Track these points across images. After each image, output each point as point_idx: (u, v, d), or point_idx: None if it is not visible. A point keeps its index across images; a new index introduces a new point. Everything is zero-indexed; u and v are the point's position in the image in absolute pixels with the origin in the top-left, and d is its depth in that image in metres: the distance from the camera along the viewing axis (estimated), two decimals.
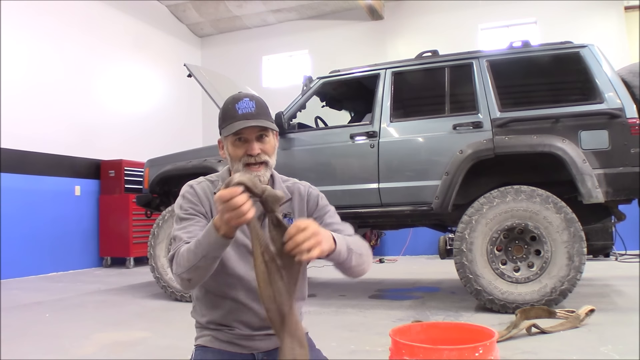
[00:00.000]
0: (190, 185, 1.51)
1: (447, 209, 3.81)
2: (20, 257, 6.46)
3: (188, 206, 1.45)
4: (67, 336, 3.31)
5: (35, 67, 6.88)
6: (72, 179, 7.35)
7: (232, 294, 1.43)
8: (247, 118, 1.39)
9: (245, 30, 10.33)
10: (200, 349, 1.49)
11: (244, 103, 1.42)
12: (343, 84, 4.65)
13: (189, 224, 1.42)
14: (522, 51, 3.93)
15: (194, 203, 1.46)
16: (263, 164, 1.42)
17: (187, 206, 1.45)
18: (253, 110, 1.41)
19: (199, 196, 1.47)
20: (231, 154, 1.43)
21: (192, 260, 1.27)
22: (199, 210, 1.45)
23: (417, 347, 1.20)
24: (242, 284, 1.44)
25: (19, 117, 6.54)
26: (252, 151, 1.40)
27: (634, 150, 3.46)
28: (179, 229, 1.41)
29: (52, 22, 7.16)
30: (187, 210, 1.45)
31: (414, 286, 5.13)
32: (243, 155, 1.41)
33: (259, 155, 1.41)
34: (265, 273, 1.17)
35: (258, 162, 1.41)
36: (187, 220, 1.43)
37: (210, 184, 1.51)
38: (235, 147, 1.42)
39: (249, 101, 1.42)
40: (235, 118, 1.40)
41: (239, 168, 1.42)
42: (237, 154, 1.42)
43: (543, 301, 3.47)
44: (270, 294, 1.17)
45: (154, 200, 5.05)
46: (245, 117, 1.40)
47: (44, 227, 6.82)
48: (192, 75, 4.60)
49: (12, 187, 6.42)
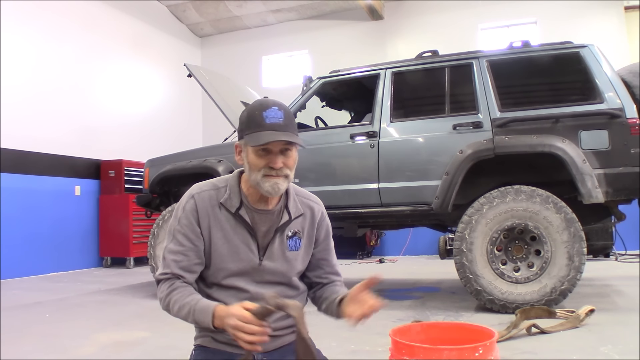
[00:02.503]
0: (192, 195, 1.45)
1: (447, 209, 3.81)
2: (20, 257, 6.46)
3: (184, 223, 1.42)
4: (67, 336, 3.31)
5: (35, 67, 6.88)
6: (72, 179, 7.34)
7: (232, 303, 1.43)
8: (274, 129, 1.32)
9: (245, 30, 10.33)
10: (199, 348, 1.49)
11: (272, 112, 1.34)
12: (343, 84, 4.65)
13: (180, 251, 1.41)
14: (522, 51, 3.92)
15: (191, 222, 1.41)
16: (283, 176, 1.37)
17: (184, 223, 1.42)
18: (281, 121, 1.34)
19: (199, 212, 1.42)
20: (251, 163, 1.37)
21: (180, 316, 1.38)
22: (195, 232, 1.41)
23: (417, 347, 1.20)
24: (244, 295, 1.43)
25: (19, 117, 6.54)
26: (275, 165, 1.34)
27: (634, 150, 3.46)
28: (170, 253, 1.42)
29: (52, 22, 7.17)
30: (181, 229, 1.42)
31: (414, 286, 5.12)
32: (264, 166, 1.35)
33: (281, 169, 1.36)
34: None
35: (279, 175, 1.37)
36: (179, 244, 1.41)
37: (215, 193, 1.45)
38: (257, 157, 1.35)
39: (277, 110, 1.35)
40: (263, 127, 1.33)
41: (258, 178, 1.36)
42: (257, 164, 1.36)
43: (543, 301, 3.47)
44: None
45: (154, 200, 5.05)
46: (272, 127, 1.32)
47: (44, 227, 6.82)
48: (192, 75, 4.60)
49: (12, 187, 6.42)
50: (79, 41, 7.60)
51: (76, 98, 7.48)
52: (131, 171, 7.67)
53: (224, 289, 1.43)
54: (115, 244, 7.57)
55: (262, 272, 1.45)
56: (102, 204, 7.71)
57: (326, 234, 1.57)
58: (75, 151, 7.41)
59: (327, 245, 1.58)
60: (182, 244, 1.41)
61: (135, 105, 8.75)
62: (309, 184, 4.12)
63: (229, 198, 1.43)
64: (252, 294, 1.42)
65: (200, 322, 1.32)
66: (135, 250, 7.48)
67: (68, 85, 7.36)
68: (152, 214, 5.41)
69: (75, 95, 7.47)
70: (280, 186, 1.36)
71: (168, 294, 1.39)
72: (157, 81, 9.33)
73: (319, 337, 1.69)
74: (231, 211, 1.42)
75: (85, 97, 7.66)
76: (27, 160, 6.66)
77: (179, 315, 1.37)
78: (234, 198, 1.43)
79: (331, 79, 4.46)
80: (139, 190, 6.46)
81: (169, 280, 1.40)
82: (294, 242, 1.48)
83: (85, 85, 7.69)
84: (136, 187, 7.47)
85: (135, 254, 7.49)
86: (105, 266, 7.67)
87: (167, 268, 1.41)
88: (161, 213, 4.79)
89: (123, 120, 8.38)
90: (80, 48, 7.62)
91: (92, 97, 7.81)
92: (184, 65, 4.66)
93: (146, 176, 5.00)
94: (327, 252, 1.58)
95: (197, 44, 10.66)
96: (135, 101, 8.77)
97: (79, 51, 7.59)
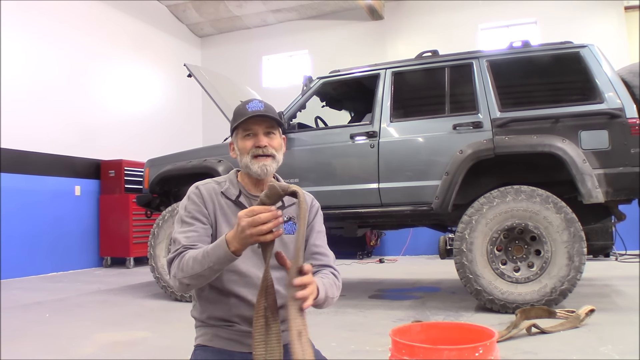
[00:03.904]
0: (196, 186, 1.55)
1: (447, 209, 3.81)
2: (20, 257, 6.45)
3: (192, 208, 1.49)
4: (67, 336, 3.31)
5: (35, 67, 6.88)
6: (72, 179, 7.35)
7: (235, 290, 1.45)
8: (256, 114, 1.49)
9: (245, 30, 10.33)
10: (200, 348, 1.50)
11: (254, 103, 1.52)
12: (343, 84, 4.65)
13: (190, 229, 1.45)
14: (522, 51, 3.93)
15: (198, 205, 1.49)
16: (270, 157, 1.50)
17: (191, 208, 1.49)
18: (262, 108, 1.51)
19: (204, 198, 1.51)
20: (240, 147, 1.52)
21: (196, 269, 1.33)
22: (202, 213, 1.49)
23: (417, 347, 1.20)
24: (245, 280, 1.46)
25: (19, 117, 6.55)
26: (260, 142, 1.49)
27: (634, 150, 3.46)
28: (180, 232, 1.46)
29: (52, 22, 7.17)
30: (189, 213, 1.48)
31: (414, 286, 5.13)
32: (252, 147, 1.49)
33: (266, 147, 1.49)
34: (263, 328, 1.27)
35: (266, 154, 1.49)
36: (188, 225, 1.46)
37: (217, 185, 1.55)
38: (244, 141, 1.51)
39: (258, 102, 1.52)
40: (245, 114, 1.50)
41: (247, 161, 1.49)
42: (245, 147, 1.50)
43: (543, 301, 3.47)
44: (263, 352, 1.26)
45: (154, 200, 5.05)
46: (254, 113, 1.49)
47: (44, 227, 6.82)
48: (192, 75, 4.60)
49: (12, 187, 6.42)
50: (79, 41, 7.60)
51: (76, 98, 7.48)
52: (131, 171, 7.68)
53: (228, 273, 1.45)
54: (115, 244, 7.57)
55: (262, 257, 1.46)
56: (102, 204, 7.71)
57: (317, 214, 1.62)
58: (75, 151, 7.41)
59: (319, 230, 1.61)
60: (191, 224, 1.47)
61: (136, 105, 8.76)
62: (309, 184, 4.12)
63: (228, 188, 1.55)
64: (254, 278, 1.44)
65: (217, 257, 1.29)
66: (135, 250, 7.48)
67: (68, 85, 7.36)
68: (152, 214, 5.41)
69: (75, 95, 7.47)
70: (268, 167, 1.50)
71: (179, 261, 1.38)
72: (157, 81, 9.33)
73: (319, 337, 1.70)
74: (232, 199, 1.53)
75: (85, 97, 7.66)
76: (27, 160, 6.67)
77: (195, 269, 1.32)
78: (232, 188, 1.55)
79: (331, 79, 4.46)
80: (139, 190, 6.45)
81: (181, 254, 1.40)
82: (289, 227, 1.54)
83: (85, 85, 7.69)
84: (136, 187, 7.47)
85: (135, 254, 7.49)
86: (105, 266, 7.67)
87: (177, 245, 1.42)
88: (161, 213, 4.79)
89: (123, 120, 8.38)
90: (80, 48, 7.62)
91: (92, 97, 7.81)
92: (184, 65, 4.66)
93: (146, 176, 5.00)
94: (320, 239, 1.60)
95: (197, 44, 10.66)
96: (136, 101, 8.77)
97: (79, 51, 7.59)
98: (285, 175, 3.79)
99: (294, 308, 1.21)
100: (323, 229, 1.63)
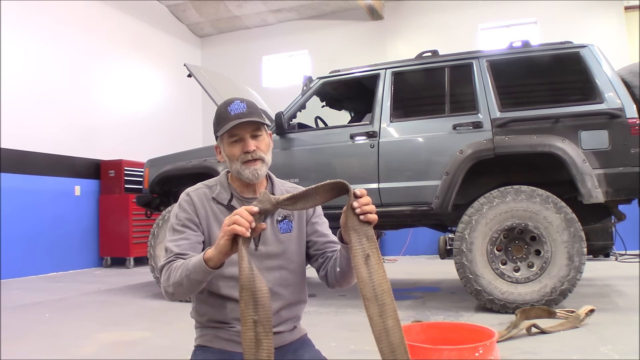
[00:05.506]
0: (187, 193, 1.53)
1: (447, 209, 3.81)
2: (20, 257, 6.45)
3: (182, 216, 1.48)
4: (67, 336, 3.31)
5: (35, 67, 6.88)
6: (72, 179, 7.34)
7: (233, 295, 1.44)
8: (239, 117, 1.44)
9: (245, 30, 10.33)
10: (200, 348, 1.49)
11: (235, 105, 1.47)
12: (343, 84, 4.65)
13: (180, 237, 1.45)
14: (522, 51, 3.92)
15: (189, 212, 1.48)
16: (259, 160, 1.47)
17: (182, 216, 1.48)
18: (245, 110, 1.46)
19: (195, 204, 1.49)
20: (228, 154, 1.49)
21: (177, 281, 1.33)
22: (193, 221, 1.47)
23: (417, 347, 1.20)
24: None
25: (19, 117, 6.54)
26: (248, 147, 1.45)
27: (634, 150, 3.46)
28: (171, 241, 1.45)
29: (52, 22, 7.16)
30: (180, 221, 1.47)
31: (414, 286, 5.12)
32: (240, 153, 1.46)
33: (255, 151, 1.46)
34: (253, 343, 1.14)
35: (255, 159, 1.46)
36: (179, 233, 1.46)
37: (208, 190, 1.53)
38: (232, 147, 1.47)
39: (240, 103, 1.48)
40: (229, 119, 1.45)
41: (238, 167, 1.47)
42: (234, 154, 1.47)
43: (543, 301, 3.47)
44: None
45: (154, 200, 5.05)
46: (238, 116, 1.45)
47: (43, 227, 6.82)
48: (192, 75, 4.59)
49: (12, 187, 6.42)
50: (78, 41, 7.60)
51: (76, 98, 7.48)
52: (131, 171, 7.67)
53: (225, 279, 1.44)
54: (115, 244, 7.56)
55: (260, 258, 1.46)
56: (102, 204, 7.71)
57: (314, 209, 1.59)
58: (75, 151, 7.41)
59: (321, 221, 1.60)
60: (181, 232, 1.46)
61: (135, 105, 8.75)
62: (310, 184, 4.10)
63: (220, 192, 1.52)
64: None
65: (195, 269, 1.28)
66: (135, 250, 7.48)
67: (68, 85, 7.36)
68: (152, 214, 5.41)
69: (75, 95, 7.47)
70: (259, 171, 1.47)
71: (167, 270, 1.38)
72: (157, 81, 9.32)
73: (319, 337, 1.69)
74: (224, 203, 1.50)
75: (85, 97, 7.66)
76: (27, 160, 6.66)
77: (176, 280, 1.32)
78: (224, 192, 1.52)
79: (331, 79, 4.46)
80: (139, 190, 6.45)
81: (170, 263, 1.40)
82: (285, 225, 1.52)
83: (85, 85, 7.69)
84: (136, 187, 7.47)
85: (135, 254, 7.48)
86: (105, 266, 7.66)
87: (169, 253, 1.43)
88: (161, 213, 4.79)
89: (123, 120, 8.38)
90: (80, 48, 7.62)
91: (92, 97, 7.81)
92: (184, 65, 4.66)
93: (146, 176, 5.00)
94: (326, 228, 1.60)
95: (197, 44, 10.66)
96: (136, 101, 8.76)
97: (79, 51, 7.59)
98: (285, 175, 3.79)
99: (355, 235, 1.20)
100: (326, 220, 1.63)
